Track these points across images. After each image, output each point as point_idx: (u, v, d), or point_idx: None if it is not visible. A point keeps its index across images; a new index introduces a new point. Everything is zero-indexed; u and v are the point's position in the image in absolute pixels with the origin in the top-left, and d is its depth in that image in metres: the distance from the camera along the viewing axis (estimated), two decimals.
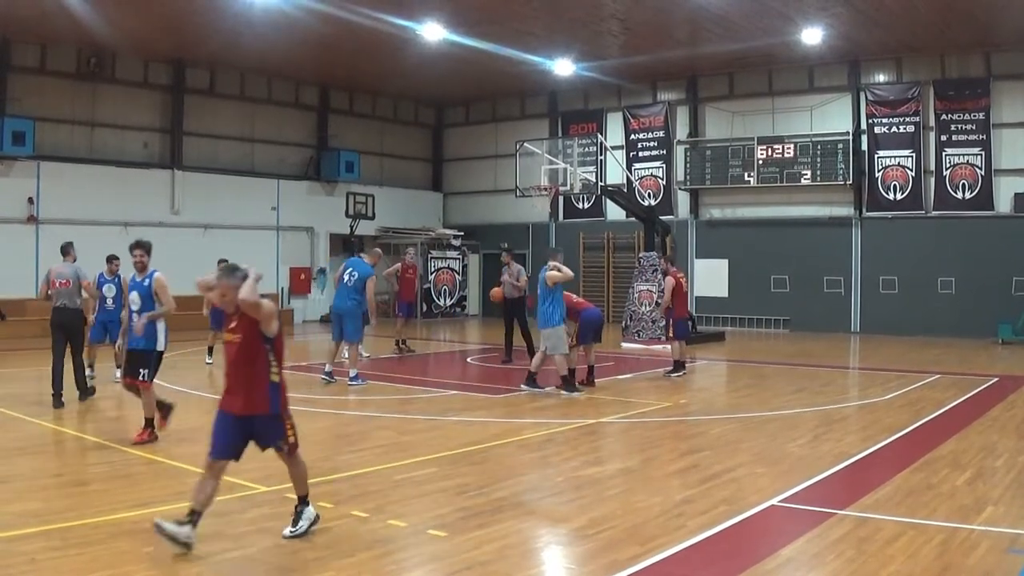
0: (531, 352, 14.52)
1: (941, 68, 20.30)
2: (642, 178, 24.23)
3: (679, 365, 13.02)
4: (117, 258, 10.75)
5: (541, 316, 10.95)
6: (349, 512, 5.65)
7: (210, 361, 13.82)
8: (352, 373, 11.64)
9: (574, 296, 12.24)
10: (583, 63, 21.44)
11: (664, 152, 23.95)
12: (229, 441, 5.07)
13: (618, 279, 23.97)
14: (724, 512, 5.72)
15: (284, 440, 5.12)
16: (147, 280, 8.27)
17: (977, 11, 17.00)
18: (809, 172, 21.44)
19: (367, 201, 25.59)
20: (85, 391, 10.29)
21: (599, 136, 20.62)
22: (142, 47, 20.71)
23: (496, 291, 14.15)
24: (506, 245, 15.37)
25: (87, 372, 10.56)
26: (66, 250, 10.56)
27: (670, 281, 13.19)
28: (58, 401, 9.75)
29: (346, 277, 11.63)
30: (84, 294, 10.33)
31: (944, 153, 20.22)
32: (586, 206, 25.12)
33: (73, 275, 10.14)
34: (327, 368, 11.70)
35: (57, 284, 10.00)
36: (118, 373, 10.15)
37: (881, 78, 21.22)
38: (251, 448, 4.80)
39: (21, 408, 9.70)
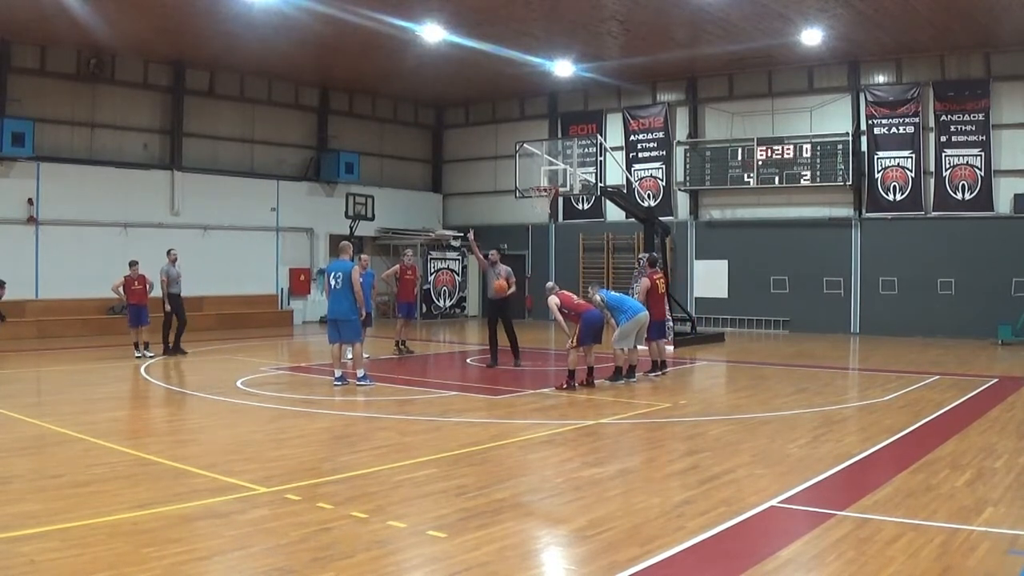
0: (516, 352, 14.53)
1: (941, 69, 20.31)
2: (642, 179, 24.24)
3: (659, 364, 13.13)
4: None
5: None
6: (349, 513, 5.65)
7: (139, 355, 14.88)
8: (360, 373, 11.70)
9: (575, 297, 12.25)
10: (583, 64, 21.44)
11: (664, 153, 23.96)
12: None
13: (618, 280, 23.93)
14: (724, 513, 5.71)
15: None
16: None
17: (977, 12, 16.99)
18: (809, 173, 21.45)
19: (367, 202, 25.59)
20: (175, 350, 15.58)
21: (599, 137, 20.58)
22: (142, 48, 20.72)
23: (500, 283, 14.11)
24: (504, 246, 15.41)
25: None
26: (169, 253, 15.65)
27: (645, 282, 13.53)
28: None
29: (333, 282, 11.66)
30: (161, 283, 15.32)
31: (944, 154, 20.23)
32: (586, 207, 25.13)
33: (175, 272, 15.49)
34: (337, 374, 11.71)
35: (166, 279, 15.45)
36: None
37: (881, 79, 21.21)
38: (251, 449, 4.81)
39: (21, 408, 9.71)
